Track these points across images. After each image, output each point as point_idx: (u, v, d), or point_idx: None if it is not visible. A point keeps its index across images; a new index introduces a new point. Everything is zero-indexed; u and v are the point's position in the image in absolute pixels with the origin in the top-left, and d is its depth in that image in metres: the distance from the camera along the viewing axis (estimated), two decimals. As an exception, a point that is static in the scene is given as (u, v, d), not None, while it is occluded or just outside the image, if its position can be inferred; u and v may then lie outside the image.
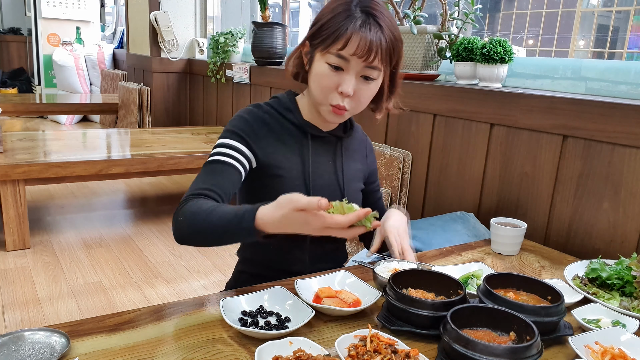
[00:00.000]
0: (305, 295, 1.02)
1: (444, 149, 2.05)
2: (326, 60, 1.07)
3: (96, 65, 6.30)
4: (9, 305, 2.12)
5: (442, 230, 1.75)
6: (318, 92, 1.11)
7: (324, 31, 1.07)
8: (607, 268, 1.18)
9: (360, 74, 1.08)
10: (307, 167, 1.19)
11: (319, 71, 1.09)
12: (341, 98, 1.09)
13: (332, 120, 1.16)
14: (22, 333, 0.85)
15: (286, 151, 1.18)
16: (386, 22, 1.07)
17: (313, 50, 1.11)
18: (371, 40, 1.04)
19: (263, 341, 0.85)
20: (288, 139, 1.19)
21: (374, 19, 1.06)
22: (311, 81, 1.14)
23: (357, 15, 1.05)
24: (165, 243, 2.87)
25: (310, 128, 1.21)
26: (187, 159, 2.99)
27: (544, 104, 1.66)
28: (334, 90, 1.09)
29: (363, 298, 1.04)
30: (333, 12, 1.07)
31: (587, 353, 0.87)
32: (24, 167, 2.55)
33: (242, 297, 1.00)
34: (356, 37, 1.04)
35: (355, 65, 1.06)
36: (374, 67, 1.07)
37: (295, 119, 1.20)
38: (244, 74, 3.58)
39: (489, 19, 3.09)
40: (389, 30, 1.07)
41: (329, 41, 1.06)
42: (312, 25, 1.13)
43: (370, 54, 1.05)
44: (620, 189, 1.49)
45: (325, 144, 1.24)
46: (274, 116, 1.20)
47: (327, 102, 1.11)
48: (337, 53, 1.05)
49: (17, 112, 5.02)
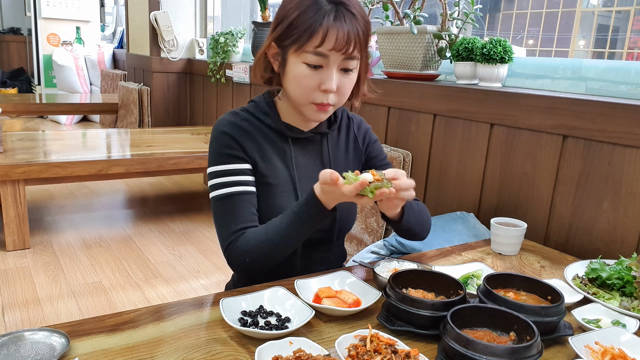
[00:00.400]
0: (305, 295, 1.02)
1: (444, 149, 2.05)
2: (303, 60, 1.03)
3: (96, 65, 6.30)
4: (9, 305, 2.12)
5: (442, 230, 1.75)
6: (299, 93, 1.07)
7: (294, 29, 1.02)
8: (607, 268, 1.18)
9: (340, 67, 1.05)
10: (293, 173, 1.16)
11: (296, 73, 1.05)
12: (325, 95, 1.06)
13: (317, 118, 1.13)
14: (22, 333, 0.85)
15: (270, 158, 1.15)
16: (357, 8, 1.04)
17: (284, 52, 1.06)
18: (348, 31, 1.01)
19: (263, 341, 0.85)
20: (269, 145, 1.15)
21: (345, 7, 1.02)
22: (288, 84, 1.09)
23: (326, 7, 1.01)
24: (165, 243, 2.87)
25: (290, 131, 1.17)
26: (187, 159, 2.99)
27: (544, 104, 1.66)
28: (317, 90, 1.05)
29: (363, 298, 1.04)
30: (299, 8, 1.02)
31: (587, 353, 0.87)
32: (24, 167, 2.55)
33: (242, 297, 1.00)
34: (333, 31, 1.00)
35: (335, 60, 1.03)
36: (353, 57, 1.04)
37: (274, 124, 1.16)
38: (243, 73, 3.59)
39: (489, 19, 3.09)
40: (361, 16, 1.04)
41: (304, 39, 1.01)
42: (277, 25, 1.06)
43: (350, 46, 1.01)
44: (620, 189, 1.49)
45: (309, 144, 1.20)
46: (252, 123, 1.15)
47: (310, 101, 1.07)
48: (315, 50, 1.01)
49: (17, 112, 5.02)
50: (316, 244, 1.21)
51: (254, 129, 1.15)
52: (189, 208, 3.52)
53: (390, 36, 2.20)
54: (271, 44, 1.08)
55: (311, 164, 1.19)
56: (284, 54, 1.07)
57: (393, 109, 2.24)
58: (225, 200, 1.10)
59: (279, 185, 1.14)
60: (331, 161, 1.22)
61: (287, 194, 1.14)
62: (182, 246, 2.84)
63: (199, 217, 3.32)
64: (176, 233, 3.03)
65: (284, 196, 1.14)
